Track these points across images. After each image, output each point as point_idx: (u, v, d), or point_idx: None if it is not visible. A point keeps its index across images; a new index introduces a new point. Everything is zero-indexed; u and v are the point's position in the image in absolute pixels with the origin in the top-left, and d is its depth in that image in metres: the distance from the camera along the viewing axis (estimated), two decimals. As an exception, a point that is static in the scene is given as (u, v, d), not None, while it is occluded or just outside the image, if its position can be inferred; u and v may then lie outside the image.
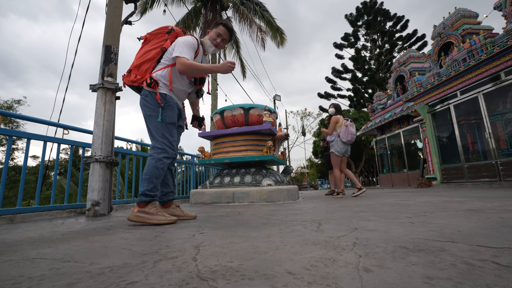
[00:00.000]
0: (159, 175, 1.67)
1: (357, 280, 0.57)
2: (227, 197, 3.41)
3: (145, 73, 1.76)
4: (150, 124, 1.73)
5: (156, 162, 1.66)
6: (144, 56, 1.77)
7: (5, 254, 0.93)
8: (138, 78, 1.76)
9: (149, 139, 1.78)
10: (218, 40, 1.90)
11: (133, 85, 1.80)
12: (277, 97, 19.14)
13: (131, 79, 1.76)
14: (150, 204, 1.61)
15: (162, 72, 1.77)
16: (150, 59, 1.77)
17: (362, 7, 23.62)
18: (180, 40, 1.76)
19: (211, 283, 0.58)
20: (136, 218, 1.57)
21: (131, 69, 1.78)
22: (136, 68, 1.77)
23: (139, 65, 1.77)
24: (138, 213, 1.57)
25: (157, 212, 1.61)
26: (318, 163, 28.31)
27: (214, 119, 4.23)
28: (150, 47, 1.80)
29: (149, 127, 1.73)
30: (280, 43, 11.71)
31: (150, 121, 1.72)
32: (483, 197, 2.75)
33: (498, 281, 0.54)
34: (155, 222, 1.56)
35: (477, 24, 7.66)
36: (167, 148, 1.71)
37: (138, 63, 1.77)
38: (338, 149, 4.24)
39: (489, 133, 6.46)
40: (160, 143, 1.70)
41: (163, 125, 1.72)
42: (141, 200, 1.60)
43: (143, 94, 1.74)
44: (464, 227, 1.13)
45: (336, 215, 1.77)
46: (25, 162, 2.26)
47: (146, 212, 1.58)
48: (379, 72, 22.46)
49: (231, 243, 0.99)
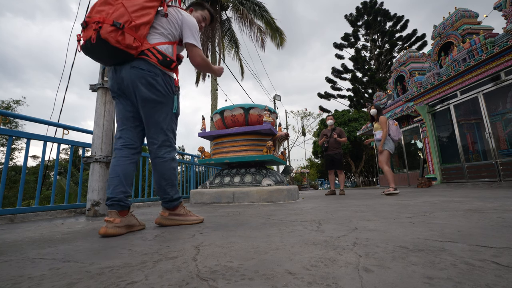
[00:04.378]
0: (176, 174, 1.55)
1: (357, 280, 0.57)
2: (227, 197, 3.41)
3: (143, 40, 1.32)
4: (157, 114, 1.41)
5: (171, 164, 1.49)
6: (140, 13, 1.29)
7: (5, 254, 0.93)
8: (137, 45, 1.28)
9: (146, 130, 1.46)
10: (202, 24, 1.74)
11: (122, 51, 1.24)
12: (277, 97, 19.15)
13: (127, 43, 1.23)
14: (179, 206, 1.54)
15: (167, 48, 1.42)
16: (147, 22, 1.32)
17: (362, 7, 23.65)
18: (191, 21, 1.50)
19: (211, 283, 0.58)
20: (169, 221, 1.49)
21: (124, 26, 1.22)
22: (134, 30, 1.26)
23: (138, 26, 1.27)
24: (170, 216, 1.50)
25: (186, 212, 1.55)
26: (318, 163, 28.31)
27: (214, 119, 4.23)
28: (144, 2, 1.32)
29: (155, 116, 1.41)
30: (280, 44, 11.72)
31: (158, 109, 1.40)
32: (483, 197, 2.75)
33: (498, 281, 0.54)
34: (189, 222, 1.52)
35: (477, 24, 7.67)
36: (174, 146, 1.54)
37: (137, 22, 1.27)
38: (391, 147, 4.44)
39: (489, 133, 6.46)
40: (171, 140, 1.49)
41: (174, 118, 1.51)
42: (170, 206, 1.51)
43: (145, 68, 1.33)
44: (464, 227, 1.13)
45: (336, 215, 1.77)
46: (25, 162, 2.26)
47: (178, 214, 1.52)
48: (379, 72, 22.46)
49: (231, 243, 0.99)
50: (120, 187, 1.33)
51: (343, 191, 5.31)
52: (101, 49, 1.22)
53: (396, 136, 4.42)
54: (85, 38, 1.23)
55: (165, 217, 1.48)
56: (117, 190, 1.32)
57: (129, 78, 1.33)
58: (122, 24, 1.21)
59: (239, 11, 10.83)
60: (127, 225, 1.32)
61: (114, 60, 1.31)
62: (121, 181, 1.34)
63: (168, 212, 1.50)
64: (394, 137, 4.42)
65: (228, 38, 12.57)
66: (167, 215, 1.49)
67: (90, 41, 1.20)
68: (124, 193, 1.34)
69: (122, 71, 1.35)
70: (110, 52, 1.23)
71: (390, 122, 4.48)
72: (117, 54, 1.25)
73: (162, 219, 1.48)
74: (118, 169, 1.37)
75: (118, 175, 1.36)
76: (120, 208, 1.31)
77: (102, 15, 1.21)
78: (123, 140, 1.44)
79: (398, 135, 4.43)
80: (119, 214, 1.31)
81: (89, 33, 1.20)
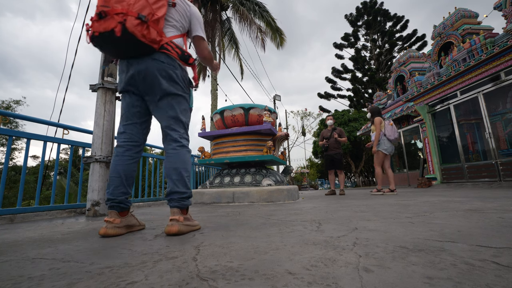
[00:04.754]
0: None
1: (357, 280, 0.57)
2: (227, 197, 3.41)
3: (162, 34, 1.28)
4: (177, 106, 1.37)
5: (189, 156, 1.38)
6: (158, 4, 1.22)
7: (5, 254, 0.93)
8: (159, 39, 1.24)
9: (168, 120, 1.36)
10: None
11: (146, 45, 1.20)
12: (277, 97, 19.15)
13: (152, 37, 1.19)
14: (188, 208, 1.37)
15: (180, 42, 1.40)
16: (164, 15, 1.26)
17: (362, 7, 23.64)
18: (198, 13, 1.48)
19: (211, 283, 0.58)
20: (186, 228, 1.26)
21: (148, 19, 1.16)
22: (156, 23, 1.22)
23: (158, 19, 1.22)
24: (185, 221, 1.27)
25: (191, 217, 1.38)
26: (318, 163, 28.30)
27: (214, 119, 4.23)
28: None
29: (175, 109, 1.37)
30: (280, 44, 11.72)
31: (177, 102, 1.37)
32: (483, 197, 2.75)
33: (498, 281, 0.54)
34: (196, 228, 1.35)
35: (477, 24, 7.67)
36: None
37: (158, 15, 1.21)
38: (386, 148, 4.42)
39: (489, 133, 6.46)
40: (187, 133, 1.43)
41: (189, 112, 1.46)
42: (186, 204, 1.31)
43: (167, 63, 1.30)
44: (464, 227, 1.13)
45: (336, 215, 1.77)
46: (25, 162, 2.26)
47: (188, 219, 1.32)
48: (379, 72, 22.47)
49: (231, 243, 0.99)
50: (121, 188, 1.30)
51: (343, 191, 5.31)
52: (122, 42, 1.15)
53: (392, 136, 4.39)
54: (102, 29, 1.13)
55: (182, 224, 1.24)
56: (118, 191, 1.30)
57: (150, 70, 1.28)
58: (146, 17, 1.16)
59: (239, 11, 10.83)
60: (127, 225, 1.31)
61: (132, 53, 1.25)
62: (122, 181, 1.31)
63: (183, 217, 1.28)
64: (389, 137, 4.39)
65: (228, 38, 12.57)
66: (183, 220, 1.26)
67: (112, 34, 1.11)
68: (124, 194, 1.31)
69: (141, 64, 1.28)
70: (133, 45, 1.18)
71: (386, 122, 4.48)
72: (139, 48, 1.20)
73: (180, 226, 1.22)
74: (120, 168, 1.33)
75: (120, 175, 1.32)
76: (120, 209, 1.30)
77: (124, 5, 1.14)
78: (127, 136, 1.39)
79: (394, 135, 4.40)
80: (119, 214, 1.29)
81: (110, 24, 1.12)
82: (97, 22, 1.14)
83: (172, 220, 1.23)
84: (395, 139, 4.41)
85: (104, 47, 1.24)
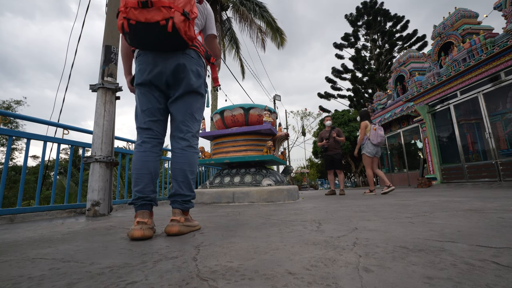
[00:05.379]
0: None
1: (357, 280, 0.57)
2: (227, 197, 3.41)
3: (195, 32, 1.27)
4: (197, 104, 1.35)
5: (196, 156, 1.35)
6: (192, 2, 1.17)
7: (5, 254, 0.93)
8: (195, 37, 1.21)
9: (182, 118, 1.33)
10: None
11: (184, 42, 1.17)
12: (277, 97, 19.16)
13: (191, 35, 1.17)
14: None
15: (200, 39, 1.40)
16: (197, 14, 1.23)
17: (362, 7, 23.64)
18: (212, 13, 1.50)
19: (211, 283, 0.58)
20: (187, 229, 1.24)
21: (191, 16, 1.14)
22: (193, 21, 1.18)
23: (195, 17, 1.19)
24: (185, 222, 1.25)
25: (191, 218, 1.37)
26: (318, 163, 28.30)
27: (214, 119, 4.23)
28: None
29: (195, 106, 1.35)
30: (280, 44, 11.72)
31: (198, 99, 1.36)
32: (483, 197, 2.75)
33: (498, 281, 0.54)
34: (196, 228, 1.33)
35: (477, 24, 7.67)
36: None
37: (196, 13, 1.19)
38: (369, 151, 4.68)
39: (489, 133, 6.46)
40: (198, 132, 1.40)
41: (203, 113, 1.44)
42: (189, 207, 1.30)
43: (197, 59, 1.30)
44: (464, 227, 1.13)
45: (336, 215, 1.77)
46: (25, 162, 2.26)
47: (189, 220, 1.32)
48: (379, 72, 22.46)
49: (231, 243, 0.99)
50: (151, 186, 1.25)
51: (343, 191, 5.31)
52: (165, 36, 1.12)
53: (375, 140, 4.59)
54: (143, 19, 1.07)
55: (182, 224, 1.22)
56: (149, 188, 1.24)
57: (182, 65, 1.25)
58: (190, 14, 1.13)
59: (239, 11, 10.83)
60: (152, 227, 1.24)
61: (167, 47, 1.21)
62: (152, 178, 1.26)
63: (184, 218, 1.26)
64: (372, 141, 4.62)
65: (228, 38, 12.56)
66: (184, 221, 1.24)
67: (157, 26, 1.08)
68: (154, 192, 1.26)
69: (173, 58, 1.24)
70: (173, 40, 1.15)
71: (371, 126, 4.70)
72: (177, 43, 1.18)
73: (180, 227, 1.20)
74: (151, 165, 1.27)
75: (150, 172, 1.26)
76: (151, 208, 1.25)
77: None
78: (153, 133, 1.33)
79: (377, 139, 4.59)
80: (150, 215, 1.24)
81: (154, 16, 1.07)
82: (137, 10, 1.07)
83: (173, 220, 1.21)
84: (379, 143, 4.61)
85: (140, 38, 1.16)
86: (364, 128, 4.72)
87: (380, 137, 4.59)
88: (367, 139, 4.70)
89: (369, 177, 4.74)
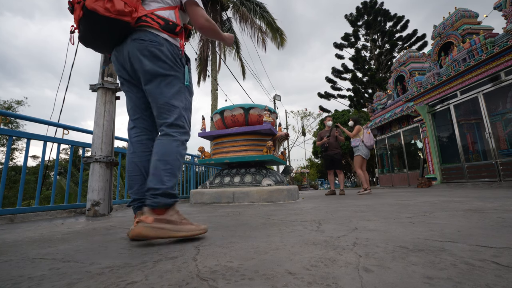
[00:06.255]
0: (181, 166, 1.19)
1: (357, 280, 0.57)
2: (227, 197, 3.41)
3: (137, 5, 1.13)
4: (167, 89, 1.16)
5: (179, 147, 1.15)
6: None
7: (5, 254, 0.93)
8: (129, 9, 1.08)
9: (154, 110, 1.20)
10: None
11: (115, 20, 1.06)
12: (277, 97, 19.16)
13: (118, 9, 1.04)
14: (171, 208, 1.08)
15: (170, 14, 1.21)
16: None
17: (362, 7, 23.64)
18: None
19: (211, 283, 0.58)
20: (155, 232, 0.99)
21: None
22: None
23: None
24: (156, 223, 1.00)
25: (182, 219, 1.09)
26: (318, 163, 28.31)
27: (214, 119, 4.23)
28: None
29: (165, 93, 1.16)
30: (280, 44, 11.73)
31: (168, 83, 1.16)
32: (483, 197, 2.75)
33: (498, 281, 0.54)
34: (184, 234, 1.05)
35: (477, 24, 7.67)
36: (188, 129, 1.24)
37: None
38: (364, 153, 5.20)
39: (489, 133, 6.46)
40: (183, 120, 1.19)
41: (187, 94, 1.23)
42: (160, 203, 1.05)
43: (149, 40, 1.13)
44: (464, 227, 1.13)
45: (336, 215, 1.77)
46: (25, 162, 2.26)
47: (168, 221, 1.04)
48: (379, 72, 22.47)
49: (231, 243, 0.99)
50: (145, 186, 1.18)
51: (343, 191, 5.31)
52: (91, 25, 1.07)
53: (369, 143, 5.17)
54: (76, 21, 1.07)
55: (149, 226, 0.99)
56: (143, 189, 1.19)
57: (131, 52, 1.15)
58: None
59: (239, 12, 10.84)
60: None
61: (112, 36, 1.13)
62: (145, 178, 1.21)
63: (153, 217, 1.02)
64: (366, 144, 5.17)
65: (228, 38, 12.55)
66: (152, 221, 1.00)
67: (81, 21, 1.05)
68: None
69: (124, 48, 1.16)
70: (104, 26, 1.07)
71: (365, 130, 5.29)
72: (112, 26, 1.07)
73: (143, 228, 0.97)
74: (140, 166, 1.24)
75: (141, 172, 1.23)
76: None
77: None
78: (139, 130, 1.29)
79: (370, 142, 5.17)
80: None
81: (77, 12, 1.05)
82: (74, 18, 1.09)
83: (138, 222, 1.00)
84: (371, 146, 5.19)
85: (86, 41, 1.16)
86: (358, 131, 5.30)
87: (373, 140, 5.23)
88: (361, 142, 5.19)
89: (362, 176, 5.12)
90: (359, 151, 5.22)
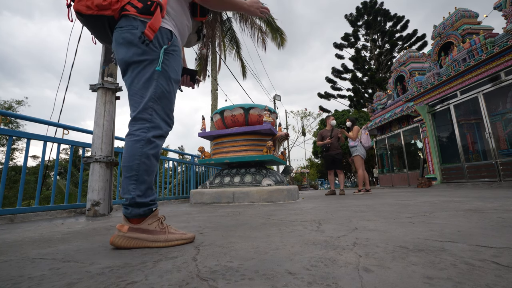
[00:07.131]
0: (152, 167, 1.02)
1: (357, 280, 0.57)
2: (227, 197, 3.41)
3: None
4: (138, 77, 1.03)
5: (143, 147, 1.00)
6: None
7: (5, 254, 0.93)
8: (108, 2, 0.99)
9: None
10: None
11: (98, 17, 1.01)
12: (277, 97, 19.16)
13: (96, 3, 0.97)
14: (149, 216, 1.00)
15: None
16: None
17: (362, 7, 23.64)
18: None
19: (211, 283, 0.58)
20: (127, 242, 0.95)
21: None
22: None
23: None
24: (130, 233, 0.96)
25: (162, 228, 1.02)
26: (318, 163, 28.29)
27: (214, 119, 4.23)
28: None
29: (135, 81, 1.03)
30: (281, 44, 11.72)
31: (138, 72, 1.03)
32: (483, 197, 2.75)
33: (498, 281, 0.54)
34: (162, 245, 0.98)
35: (477, 24, 7.68)
36: (160, 122, 1.05)
37: None
38: (363, 153, 5.33)
39: (489, 133, 6.46)
40: (150, 112, 1.02)
41: (162, 80, 1.05)
42: (131, 213, 0.98)
43: (125, 26, 1.02)
44: (464, 227, 1.13)
45: (336, 215, 1.77)
46: (25, 162, 2.26)
47: (144, 230, 0.98)
48: (379, 72, 22.47)
49: (231, 243, 0.99)
50: None
51: (343, 191, 5.31)
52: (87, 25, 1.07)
53: (366, 144, 5.33)
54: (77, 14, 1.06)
55: (122, 235, 0.95)
56: None
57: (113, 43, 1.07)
58: None
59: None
60: None
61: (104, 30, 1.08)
62: None
63: (128, 226, 0.97)
64: (364, 144, 5.31)
65: (228, 38, 12.56)
66: (126, 231, 0.95)
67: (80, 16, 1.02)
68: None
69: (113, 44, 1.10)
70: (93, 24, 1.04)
71: (362, 131, 5.43)
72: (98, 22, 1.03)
73: (117, 238, 0.95)
74: None
75: None
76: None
77: None
78: None
79: (368, 142, 5.36)
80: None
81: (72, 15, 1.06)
82: None
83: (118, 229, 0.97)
84: (368, 146, 5.36)
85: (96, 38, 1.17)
86: (358, 132, 5.39)
87: (370, 141, 5.43)
88: (359, 142, 5.30)
89: (361, 177, 5.23)
90: (357, 151, 5.30)
